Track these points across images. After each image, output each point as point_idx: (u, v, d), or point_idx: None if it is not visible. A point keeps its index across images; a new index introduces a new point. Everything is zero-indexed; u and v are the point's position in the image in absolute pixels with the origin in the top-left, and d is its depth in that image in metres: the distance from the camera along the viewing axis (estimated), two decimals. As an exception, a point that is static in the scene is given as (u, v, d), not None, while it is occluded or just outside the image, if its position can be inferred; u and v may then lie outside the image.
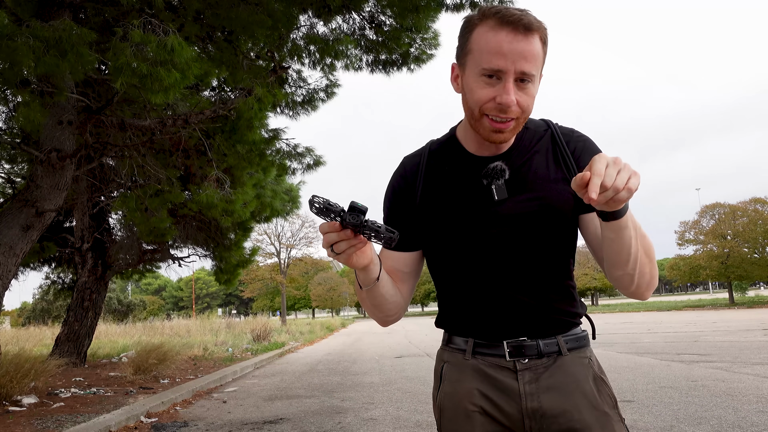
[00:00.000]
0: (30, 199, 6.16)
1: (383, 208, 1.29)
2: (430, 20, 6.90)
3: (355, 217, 0.93)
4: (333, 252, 0.98)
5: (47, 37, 4.50)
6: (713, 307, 34.01)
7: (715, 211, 35.96)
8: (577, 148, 1.19)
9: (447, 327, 1.28)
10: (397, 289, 1.23)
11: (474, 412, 1.17)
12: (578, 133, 1.22)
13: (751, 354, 8.95)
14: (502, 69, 1.04)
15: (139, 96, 5.64)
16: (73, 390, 7.24)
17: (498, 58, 1.04)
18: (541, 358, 1.16)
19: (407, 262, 1.25)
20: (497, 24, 1.05)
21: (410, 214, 1.23)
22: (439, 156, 1.24)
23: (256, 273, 51.21)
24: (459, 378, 1.21)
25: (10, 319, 44.03)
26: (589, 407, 1.13)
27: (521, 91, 1.06)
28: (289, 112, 8.97)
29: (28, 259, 10.33)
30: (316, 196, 0.93)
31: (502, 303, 1.17)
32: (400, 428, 4.95)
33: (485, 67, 1.05)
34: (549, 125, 1.23)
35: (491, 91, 1.06)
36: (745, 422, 4.45)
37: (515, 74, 1.04)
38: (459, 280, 1.21)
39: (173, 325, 24.41)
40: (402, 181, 1.25)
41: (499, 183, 1.15)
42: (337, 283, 65.55)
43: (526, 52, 1.04)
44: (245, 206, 8.21)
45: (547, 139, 1.20)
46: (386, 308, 1.21)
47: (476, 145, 1.19)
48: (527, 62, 1.04)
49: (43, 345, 15.13)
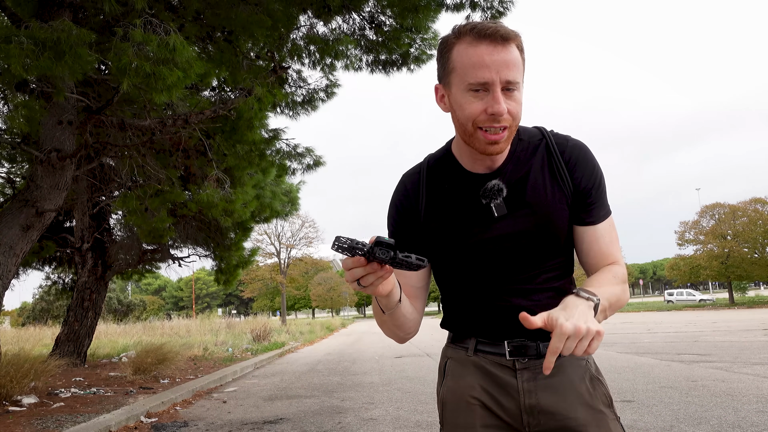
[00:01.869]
0: (30, 199, 6.16)
1: (388, 225, 1.31)
2: (430, 20, 6.91)
3: (385, 252, 0.92)
4: (360, 285, 0.99)
5: (44, 39, 4.49)
6: (713, 306, 34.07)
7: (715, 211, 36.01)
8: (571, 159, 1.21)
9: (452, 328, 1.32)
10: (412, 306, 1.26)
11: (474, 405, 1.21)
12: (573, 142, 1.24)
13: (751, 354, 8.97)
14: (488, 80, 1.07)
15: (140, 96, 5.64)
16: (73, 390, 7.24)
17: (482, 71, 1.07)
18: (539, 359, 1.20)
19: (420, 277, 1.28)
20: (475, 39, 1.08)
21: (416, 230, 1.26)
22: (438, 173, 1.27)
23: (256, 273, 51.26)
24: (461, 373, 1.25)
25: (10, 318, 44.06)
26: (585, 406, 1.17)
27: (509, 99, 1.09)
28: (289, 112, 8.97)
29: (28, 259, 10.34)
30: (340, 237, 0.92)
31: (503, 310, 1.21)
32: (399, 428, 4.96)
33: (471, 82, 1.08)
34: (543, 134, 1.25)
35: (481, 104, 1.09)
36: (745, 422, 4.46)
37: (501, 83, 1.07)
38: (462, 289, 1.26)
39: (173, 325, 24.44)
40: (405, 200, 1.28)
41: (498, 201, 1.18)
42: (337, 283, 65.56)
43: (508, 61, 1.07)
44: (245, 206, 8.22)
45: (542, 150, 1.22)
46: (406, 327, 1.25)
47: (471, 161, 1.21)
48: (510, 70, 1.07)
49: (43, 345, 15.14)
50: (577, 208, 1.21)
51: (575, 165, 1.20)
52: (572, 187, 1.20)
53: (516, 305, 1.20)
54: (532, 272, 1.21)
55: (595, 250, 1.22)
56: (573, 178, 1.20)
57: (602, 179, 1.24)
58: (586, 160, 1.22)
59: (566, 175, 1.20)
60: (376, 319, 1.25)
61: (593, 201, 1.21)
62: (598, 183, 1.22)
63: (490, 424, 1.20)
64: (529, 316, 0.96)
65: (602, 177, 1.24)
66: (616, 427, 1.18)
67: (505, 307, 1.21)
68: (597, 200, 1.22)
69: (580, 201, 1.21)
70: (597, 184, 1.22)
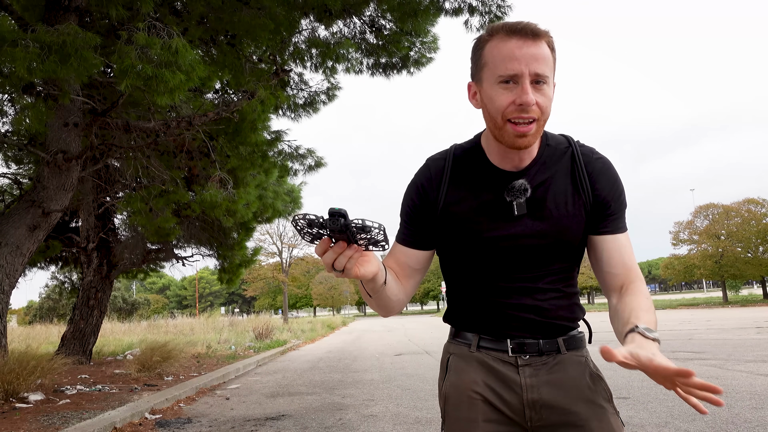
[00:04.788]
0: (36, 199, 6.26)
1: (403, 204, 1.31)
2: (430, 24, 6.98)
3: (335, 222, 0.90)
4: (335, 270, 0.99)
5: (50, 42, 4.58)
6: (707, 305, 34.04)
7: (708, 212, 35.88)
8: (595, 171, 1.23)
9: (454, 322, 1.34)
10: (402, 286, 1.27)
11: (477, 400, 1.23)
12: (598, 155, 1.26)
13: (745, 351, 9.00)
14: (518, 72, 1.10)
15: (144, 98, 5.73)
16: (78, 387, 7.30)
17: (512, 63, 1.10)
18: (541, 356, 1.23)
19: (419, 260, 1.29)
20: (506, 34, 1.12)
21: (431, 214, 1.27)
22: (463, 163, 1.28)
23: (258, 272, 51.32)
24: (464, 369, 1.27)
25: (17, 317, 44.22)
26: (586, 401, 1.20)
27: (538, 93, 1.11)
28: (291, 114, 9.05)
29: (34, 258, 10.45)
30: (297, 215, 0.92)
31: (507, 307, 1.24)
32: (399, 424, 5.02)
33: (501, 74, 1.11)
34: (570, 143, 1.27)
35: (510, 96, 1.11)
36: (739, 419, 4.51)
37: (530, 76, 1.10)
38: (469, 283, 1.28)
39: (177, 324, 24.53)
40: (427, 182, 1.28)
41: (521, 201, 1.19)
42: (337, 282, 65.52)
43: (537, 55, 1.10)
44: (248, 206, 8.31)
45: (567, 158, 1.24)
46: (390, 306, 1.26)
47: (499, 157, 1.23)
48: (539, 64, 1.10)
49: (50, 343, 15.22)
50: (595, 219, 1.23)
51: (598, 177, 1.23)
52: (592, 198, 1.22)
53: (519, 303, 1.23)
54: (539, 273, 1.23)
55: (616, 259, 1.22)
56: (594, 189, 1.22)
57: (623, 195, 1.26)
58: (608, 173, 1.24)
59: (587, 186, 1.22)
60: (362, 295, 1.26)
61: (612, 212, 1.23)
62: (618, 196, 1.24)
63: (493, 418, 1.21)
64: (611, 350, 0.91)
65: (623, 193, 1.26)
66: (616, 422, 1.20)
67: (509, 305, 1.23)
68: (616, 212, 1.24)
69: (600, 212, 1.23)
70: (617, 197, 1.24)
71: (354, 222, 0.92)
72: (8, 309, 6.80)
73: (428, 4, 6.48)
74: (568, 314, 1.27)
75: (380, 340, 18.50)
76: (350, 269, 1.00)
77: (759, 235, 32.86)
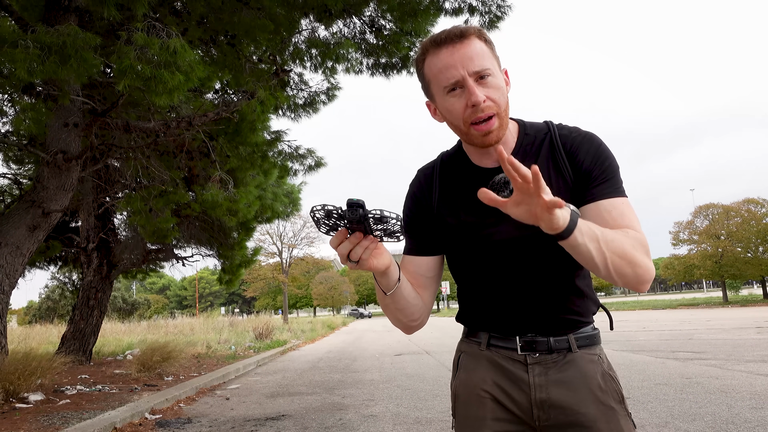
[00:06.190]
0: (36, 199, 6.27)
1: (403, 216, 1.33)
2: (429, 24, 6.97)
3: (354, 212, 0.91)
4: (351, 261, 1.00)
5: (50, 43, 4.58)
6: (707, 305, 34.07)
7: (708, 212, 35.91)
8: (572, 147, 1.20)
9: (466, 322, 1.34)
10: (418, 294, 1.27)
11: (486, 399, 1.23)
12: (577, 132, 1.23)
13: (745, 351, 9.00)
14: (458, 78, 1.12)
15: (143, 98, 5.73)
16: (78, 387, 7.31)
17: (449, 71, 1.12)
18: (551, 354, 1.21)
19: (430, 267, 1.30)
20: (436, 47, 1.15)
21: (428, 220, 1.30)
22: (449, 168, 1.31)
23: (258, 272, 51.36)
24: (474, 367, 1.27)
25: (17, 317, 44.25)
26: (596, 402, 1.17)
27: (486, 87, 1.12)
28: (290, 115, 9.05)
29: (34, 258, 10.46)
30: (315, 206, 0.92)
31: (513, 304, 1.23)
32: (399, 425, 5.03)
33: (445, 85, 1.14)
34: (549, 128, 1.25)
35: (462, 101, 1.13)
36: (739, 419, 4.51)
37: (472, 76, 1.11)
38: (475, 282, 1.28)
39: (177, 324, 24.52)
40: (419, 190, 1.32)
41: (505, 194, 1.15)
42: (337, 282, 65.68)
43: (470, 53, 1.12)
44: (248, 206, 8.31)
45: (547, 144, 1.23)
46: (410, 312, 1.24)
47: (478, 156, 1.24)
48: (475, 61, 1.12)
49: (50, 343, 15.23)
50: (581, 193, 1.18)
51: (578, 150, 1.19)
52: (573, 173, 1.18)
53: (526, 299, 1.22)
54: (543, 266, 1.21)
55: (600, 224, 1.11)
56: (575, 163, 1.18)
57: (607, 161, 1.18)
58: (588, 144, 1.19)
59: (567, 164, 1.19)
60: (381, 307, 1.25)
61: (595, 180, 1.16)
62: (601, 162, 1.17)
63: (501, 417, 1.21)
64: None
65: (607, 159, 1.18)
66: (627, 424, 1.18)
67: (515, 301, 1.22)
68: (600, 179, 1.16)
69: (584, 184, 1.17)
70: (600, 163, 1.17)
71: (372, 212, 0.93)
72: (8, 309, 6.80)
73: (428, 4, 6.50)
74: (578, 308, 1.24)
75: (380, 340, 18.51)
76: (366, 260, 1.01)
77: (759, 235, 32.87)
